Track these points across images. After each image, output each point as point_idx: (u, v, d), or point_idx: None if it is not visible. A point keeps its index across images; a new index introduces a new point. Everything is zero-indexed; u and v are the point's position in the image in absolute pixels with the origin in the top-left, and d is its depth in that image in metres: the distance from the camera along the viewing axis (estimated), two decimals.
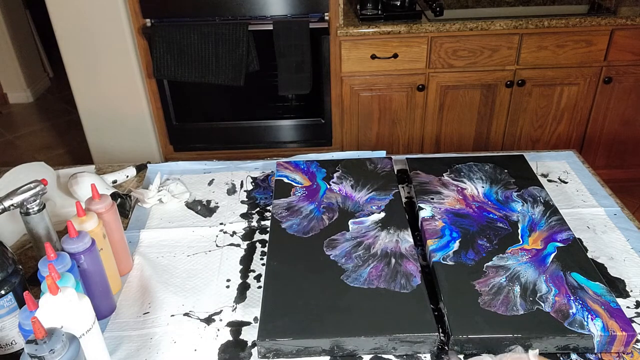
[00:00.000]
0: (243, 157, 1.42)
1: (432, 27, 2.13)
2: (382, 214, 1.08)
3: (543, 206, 1.09)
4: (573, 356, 0.83)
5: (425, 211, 1.08)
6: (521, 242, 0.99)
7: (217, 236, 1.12)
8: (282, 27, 2.10)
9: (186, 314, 0.93)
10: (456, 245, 0.99)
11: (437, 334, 0.83)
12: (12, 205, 0.89)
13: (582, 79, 2.27)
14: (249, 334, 0.89)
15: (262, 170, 1.34)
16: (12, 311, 0.82)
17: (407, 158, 1.28)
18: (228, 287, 0.99)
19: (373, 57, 2.20)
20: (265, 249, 1.07)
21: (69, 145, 3.26)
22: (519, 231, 1.02)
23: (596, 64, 2.24)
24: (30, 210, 0.92)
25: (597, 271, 0.92)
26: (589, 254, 1.03)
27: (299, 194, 1.15)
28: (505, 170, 1.20)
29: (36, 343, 0.64)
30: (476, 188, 1.15)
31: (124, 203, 1.17)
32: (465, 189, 1.15)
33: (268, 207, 1.20)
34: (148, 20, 2.17)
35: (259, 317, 0.87)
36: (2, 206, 0.88)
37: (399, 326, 0.83)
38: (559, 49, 2.20)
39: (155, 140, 2.48)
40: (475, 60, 2.22)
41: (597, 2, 2.31)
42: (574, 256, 0.95)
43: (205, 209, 1.21)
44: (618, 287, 0.96)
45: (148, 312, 0.94)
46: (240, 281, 1.00)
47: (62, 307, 0.71)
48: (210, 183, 1.30)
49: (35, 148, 3.26)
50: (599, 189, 1.23)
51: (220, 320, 0.92)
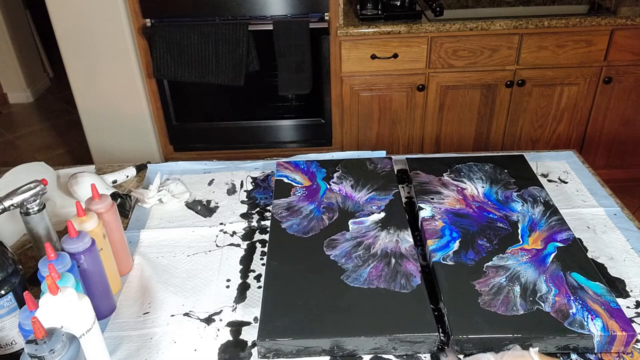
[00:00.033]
0: (243, 157, 1.42)
1: (432, 27, 2.13)
2: (382, 214, 1.08)
3: (543, 206, 1.09)
4: (573, 356, 0.83)
5: (425, 211, 1.08)
6: (521, 242, 0.99)
7: (217, 236, 1.12)
8: (282, 27, 2.10)
9: (186, 314, 0.93)
10: (456, 245, 0.99)
11: (437, 334, 0.83)
12: (12, 205, 0.89)
13: (582, 79, 2.27)
14: (249, 334, 0.89)
15: (262, 170, 1.34)
16: (12, 311, 0.82)
17: (407, 158, 1.28)
18: (228, 287, 0.99)
19: (373, 57, 2.20)
20: (265, 249, 1.07)
21: (69, 145, 3.26)
22: (519, 231, 1.02)
23: (596, 64, 2.24)
24: (30, 210, 0.92)
25: (597, 271, 0.92)
26: (589, 254, 1.03)
27: (299, 194, 1.15)
28: (505, 170, 1.20)
29: (36, 343, 0.64)
30: (476, 188, 1.15)
31: (124, 203, 1.17)
32: (465, 189, 1.15)
33: (268, 207, 1.20)
34: (148, 20, 2.17)
35: (259, 317, 0.87)
36: (2, 206, 0.88)
37: (399, 326, 0.83)
38: (559, 49, 2.20)
39: (155, 140, 2.48)
40: (475, 60, 2.22)
41: (597, 2, 2.31)
42: (574, 256, 0.95)
43: (205, 209, 1.21)
44: (618, 287, 0.96)
45: (148, 312, 0.94)
46: (240, 281, 1.00)
47: (62, 307, 0.71)
48: (210, 183, 1.30)
49: (35, 148, 3.26)
50: (599, 189, 1.23)
51: (220, 320, 0.92)
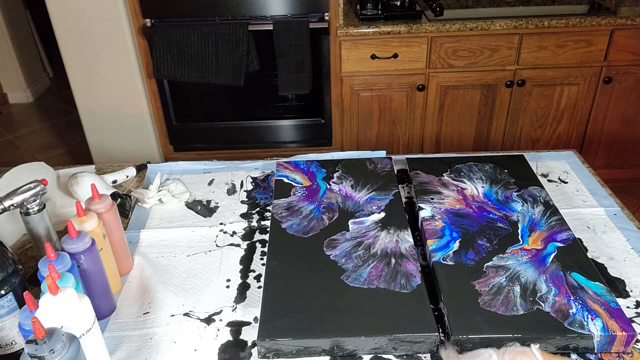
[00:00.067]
0: (243, 157, 1.42)
1: (432, 27, 2.13)
2: (382, 214, 1.08)
3: (543, 206, 1.09)
4: (573, 356, 0.83)
5: (425, 211, 1.08)
6: (521, 242, 0.99)
7: (217, 236, 1.12)
8: (282, 27, 2.10)
9: (186, 314, 0.93)
10: (456, 245, 0.99)
11: (437, 334, 0.83)
12: (12, 205, 0.89)
13: (582, 79, 2.27)
14: (249, 334, 0.89)
15: (262, 170, 1.34)
16: (12, 311, 0.82)
17: (407, 158, 1.28)
18: (228, 287, 0.99)
19: (373, 57, 2.20)
20: (265, 249, 1.07)
21: (69, 145, 3.26)
22: (519, 231, 1.02)
23: (596, 64, 2.24)
24: (30, 210, 0.92)
25: (597, 271, 0.92)
26: (589, 254, 1.03)
27: (299, 194, 1.15)
28: (505, 170, 1.20)
29: (36, 343, 0.64)
30: (476, 188, 1.15)
31: (124, 203, 1.17)
32: (465, 189, 1.15)
33: (268, 207, 1.20)
34: (148, 20, 2.17)
35: (259, 317, 0.87)
36: (2, 206, 0.88)
37: (399, 326, 0.83)
38: (559, 49, 2.20)
39: (155, 140, 2.48)
40: (475, 60, 2.22)
41: (597, 2, 2.31)
42: (574, 256, 0.95)
43: (205, 209, 1.21)
44: (618, 287, 0.96)
45: (148, 312, 0.94)
46: (240, 281, 1.00)
47: (62, 307, 0.71)
48: (210, 183, 1.30)
49: (35, 148, 3.26)
50: (599, 189, 1.23)
51: (220, 320, 0.92)
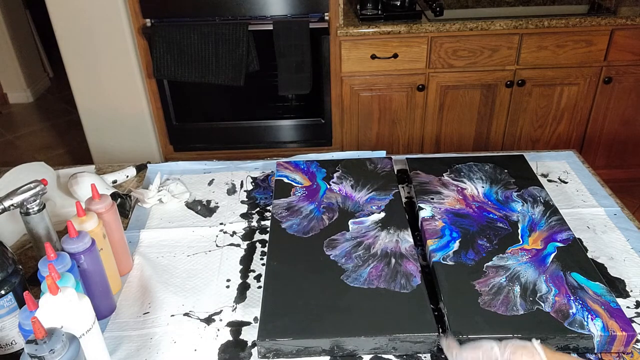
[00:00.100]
0: (243, 157, 1.42)
1: (432, 27, 2.13)
2: (382, 214, 1.08)
3: (543, 206, 1.09)
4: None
5: (425, 211, 1.08)
6: (521, 242, 0.99)
7: (217, 236, 1.12)
8: (282, 27, 2.09)
9: (186, 314, 0.93)
10: (456, 245, 0.99)
11: (437, 334, 0.83)
12: (12, 205, 0.89)
13: (582, 79, 2.27)
14: (249, 334, 0.89)
15: (262, 170, 1.34)
16: (12, 311, 0.82)
17: (407, 158, 1.28)
18: (228, 287, 0.99)
19: (373, 57, 2.20)
20: (265, 249, 1.07)
21: (69, 145, 3.26)
22: (519, 231, 1.02)
23: (596, 64, 2.24)
24: (30, 210, 0.92)
25: (597, 271, 0.92)
26: (589, 254, 1.03)
27: (299, 194, 1.15)
28: (505, 170, 1.20)
29: (36, 343, 0.64)
30: (476, 188, 1.15)
31: (124, 203, 1.17)
32: (465, 189, 1.15)
33: (268, 207, 1.20)
34: (148, 20, 2.17)
35: (259, 317, 0.87)
36: (2, 206, 0.88)
37: (399, 326, 0.83)
38: (559, 49, 2.20)
39: (155, 140, 2.48)
40: (475, 60, 2.22)
41: (597, 2, 2.31)
42: (574, 256, 0.95)
43: (205, 209, 1.21)
44: (618, 287, 0.96)
45: (148, 312, 0.94)
46: (240, 281, 1.00)
47: (62, 307, 0.71)
48: (210, 183, 1.30)
49: (35, 148, 3.26)
50: (599, 189, 1.23)
51: (220, 320, 0.92)
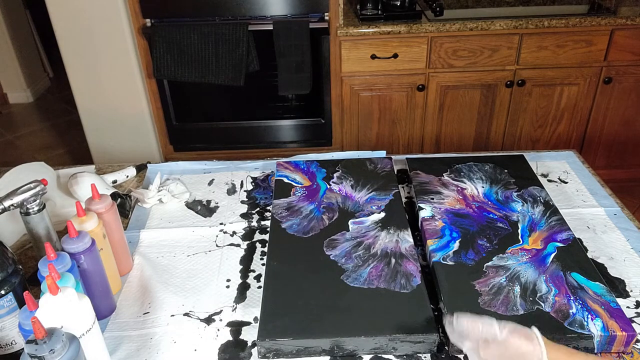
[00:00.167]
0: (243, 157, 1.42)
1: (432, 27, 2.13)
2: (382, 214, 1.08)
3: (543, 206, 1.09)
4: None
5: (425, 211, 1.08)
6: (521, 242, 0.99)
7: (217, 236, 1.12)
8: (282, 27, 2.09)
9: (186, 314, 0.93)
10: (456, 245, 0.99)
11: (437, 334, 0.83)
12: (12, 205, 0.89)
13: (582, 79, 2.27)
14: (249, 334, 0.89)
15: (262, 170, 1.34)
16: (12, 311, 0.82)
17: (407, 158, 1.28)
18: (228, 287, 0.99)
19: (373, 57, 2.20)
20: (265, 249, 1.07)
21: (69, 145, 3.26)
22: (519, 231, 1.02)
23: (596, 64, 2.24)
24: (30, 210, 0.92)
25: (597, 271, 0.92)
26: (589, 254, 1.03)
27: (299, 194, 1.15)
28: (505, 170, 1.20)
29: (36, 343, 0.64)
30: (476, 188, 1.15)
31: (124, 203, 1.17)
32: (465, 189, 1.15)
33: (268, 207, 1.20)
34: (148, 20, 2.17)
35: (259, 317, 0.87)
36: (2, 206, 0.88)
37: (399, 326, 0.83)
38: (559, 49, 2.20)
39: (155, 140, 2.48)
40: (475, 60, 2.22)
41: (597, 2, 2.31)
42: (574, 256, 0.95)
43: (205, 209, 1.21)
44: (618, 287, 0.96)
45: (148, 312, 0.94)
46: (240, 281, 1.00)
47: (62, 307, 0.71)
48: (210, 183, 1.30)
49: (35, 148, 3.26)
50: (599, 189, 1.23)
51: (220, 320, 0.92)
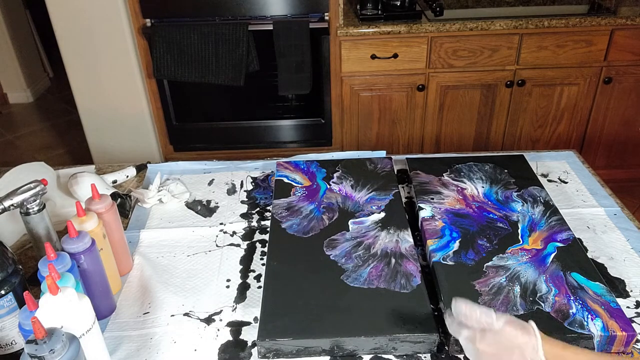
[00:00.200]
0: (243, 157, 1.42)
1: (432, 27, 2.13)
2: (382, 214, 1.08)
3: (543, 206, 1.09)
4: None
5: (425, 211, 1.08)
6: (521, 242, 0.99)
7: (217, 236, 1.12)
8: (282, 27, 2.09)
9: (186, 314, 0.93)
10: (456, 245, 0.99)
11: (437, 334, 0.83)
12: (12, 205, 0.89)
13: (582, 79, 2.27)
14: (249, 334, 0.89)
15: (262, 170, 1.34)
16: (12, 311, 0.82)
17: (407, 158, 1.28)
18: (228, 287, 0.99)
19: (373, 57, 2.20)
20: (265, 249, 1.07)
21: (69, 145, 3.26)
22: (519, 231, 1.02)
23: (596, 64, 2.24)
24: (30, 210, 0.92)
25: (597, 271, 0.92)
26: (589, 254, 1.03)
27: (299, 194, 1.15)
28: (505, 170, 1.20)
29: (36, 343, 0.64)
30: (476, 188, 1.15)
31: (124, 203, 1.17)
32: (465, 189, 1.15)
33: (268, 207, 1.20)
34: (148, 20, 2.17)
35: (259, 317, 0.87)
36: (2, 206, 0.88)
37: (399, 326, 0.83)
38: (559, 49, 2.20)
39: (155, 140, 2.48)
40: (475, 60, 2.22)
41: (597, 2, 2.31)
42: (574, 256, 0.95)
43: (205, 209, 1.21)
44: (618, 287, 0.96)
45: (148, 312, 0.94)
46: (240, 281, 1.00)
47: (62, 307, 0.71)
48: (210, 183, 1.30)
49: (35, 148, 3.26)
50: (599, 189, 1.23)
51: (220, 320, 0.92)
